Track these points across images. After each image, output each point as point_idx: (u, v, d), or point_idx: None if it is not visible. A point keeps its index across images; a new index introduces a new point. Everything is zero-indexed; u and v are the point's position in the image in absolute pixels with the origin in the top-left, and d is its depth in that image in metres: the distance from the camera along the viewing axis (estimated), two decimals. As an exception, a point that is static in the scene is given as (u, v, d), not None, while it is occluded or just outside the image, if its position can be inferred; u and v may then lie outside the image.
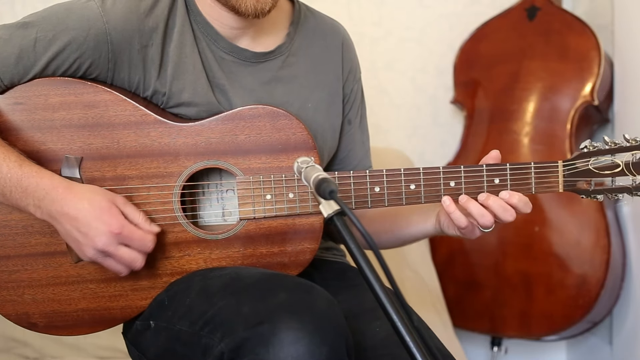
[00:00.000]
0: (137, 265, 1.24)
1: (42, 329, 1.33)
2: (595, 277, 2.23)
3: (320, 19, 1.50)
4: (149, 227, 1.25)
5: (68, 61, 1.26)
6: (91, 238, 1.20)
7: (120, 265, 1.24)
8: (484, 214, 1.26)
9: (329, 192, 1.00)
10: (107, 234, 1.20)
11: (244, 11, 1.28)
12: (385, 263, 0.93)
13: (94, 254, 1.22)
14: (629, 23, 2.25)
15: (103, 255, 1.22)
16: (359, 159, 1.53)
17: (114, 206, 1.23)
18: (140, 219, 1.24)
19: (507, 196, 1.27)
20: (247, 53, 1.38)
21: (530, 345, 2.66)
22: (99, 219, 1.20)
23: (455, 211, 1.28)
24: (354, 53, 1.54)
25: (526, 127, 2.37)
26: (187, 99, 1.33)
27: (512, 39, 2.43)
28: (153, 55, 1.31)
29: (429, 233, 1.42)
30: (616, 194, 1.30)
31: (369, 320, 1.29)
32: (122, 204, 1.24)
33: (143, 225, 1.24)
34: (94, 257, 1.22)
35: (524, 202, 1.27)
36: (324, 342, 1.05)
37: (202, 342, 1.15)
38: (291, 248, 1.33)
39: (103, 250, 1.21)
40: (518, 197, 1.27)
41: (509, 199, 1.27)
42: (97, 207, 1.21)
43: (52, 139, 1.28)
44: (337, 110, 1.48)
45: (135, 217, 1.24)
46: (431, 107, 2.68)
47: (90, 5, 1.27)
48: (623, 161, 1.28)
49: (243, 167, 1.30)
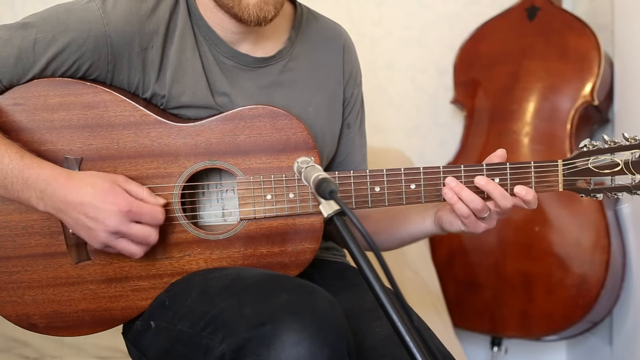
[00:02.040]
0: (152, 239, 1.24)
1: (42, 330, 1.33)
2: (595, 277, 2.23)
3: (322, 23, 1.50)
4: (155, 200, 1.25)
5: (67, 62, 1.26)
6: (102, 221, 1.20)
7: (134, 245, 1.24)
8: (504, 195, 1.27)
9: (329, 192, 0.99)
10: (116, 213, 1.20)
11: (247, 19, 1.28)
12: (385, 263, 0.93)
13: (107, 237, 1.21)
14: (629, 23, 2.25)
15: (116, 237, 1.22)
16: (356, 162, 1.53)
17: (116, 186, 1.23)
18: (145, 194, 1.25)
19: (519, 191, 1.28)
20: (247, 58, 1.38)
21: (530, 345, 2.66)
22: (105, 201, 1.20)
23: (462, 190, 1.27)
24: (355, 57, 1.54)
25: (526, 127, 2.37)
26: (186, 102, 1.33)
27: (512, 39, 2.43)
28: (153, 57, 1.31)
29: (428, 232, 1.42)
30: (616, 193, 1.31)
31: (369, 320, 1.29)
32: (124, 182, 1.25)
33: (149, 199, 1.25)
34: (107, 240, 1.22)
35: (533, 195, 1.28)
36: (326, 343, 1.05)
37: (203, 343, 1.15)
38: (292, 248, 1.33)
39: (116, 231, 1.21)
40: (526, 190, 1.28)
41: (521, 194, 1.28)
42: (100, 190, 1.21)
43: (51, 140, 1.28)
44: (337, 114, 1.48)
45: (139, 192, 1.25)
46: (431, 107, 2.69)
47: (90, 7, 1.27)
48: (622, 160, 1.28)
49: (243, 167, 1.30)
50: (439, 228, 1.38)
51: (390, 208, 1.39)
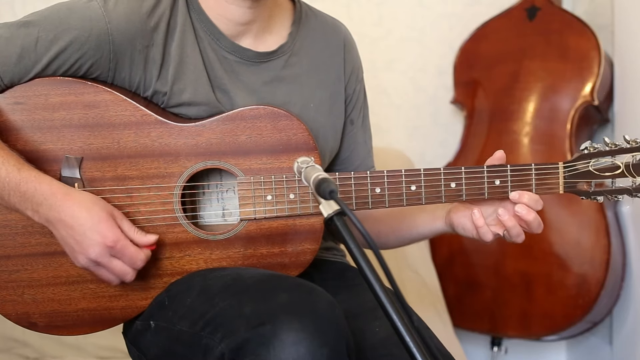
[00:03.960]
0: (128, 278, 1.24)
1: (42, 329, 1.33)
2: (595, 277, 2.23)
3: (321, 19, 1.50)
4: (145, 239, 1.25)
5: (69, 61, 1.26)
6: (85, 247, 1.20)
7: (112, 276, 1.25)
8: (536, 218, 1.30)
9: (329, 192, 1.00)
10: (100, 245, 1.20)
11: None
12: (385, 263, 0.93)
13: (86, 263, 1.22)
14: (629, 23, 2.25)
15: (95, 265, 1.23)
16: (361, 159, 1.54)
17: (111, 218, 1.23)
18: (135, 235, 1.25)
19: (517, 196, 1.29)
20: (249, 52, 1.38)
21: (530, 345, 2.67)
22: (95, 230, 1.20)
23: (484, 225, 1.30)
24: (356, 53, 1.54)
25: (526, 127, 2.37)
26: (187, 99, 1.33)
27: (512, 39, 2.43)
28: (154, 55, 1.31)
29: (439, 232, 1.44)
30: (616, 195, 1.31)
31: (368, 320, 1.29)
32: (119, 218, 1.24)
33: (139, 240, 1.24)
34: (86, 265, 1.23)
35: (534, 199, 1.29)
36: (325, 343, 1.05)
37: (203, 343, 1.15)
38: (292, 249, 1.33)
39: (95, 261, 1.22)
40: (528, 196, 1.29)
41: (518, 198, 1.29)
42: (95, 217, 1.21)
43: (52, 139, 1.28)
44: (339, 110, 1.48)
45: (130, 232, 1.24)
46: (431, 107, 2.69)
47: (92, 6, 1.27)
48: (623, 162, 1.28)
49: (244, 167, 1.30)
50: (450, 228, 1.39)
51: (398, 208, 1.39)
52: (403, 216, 1.47)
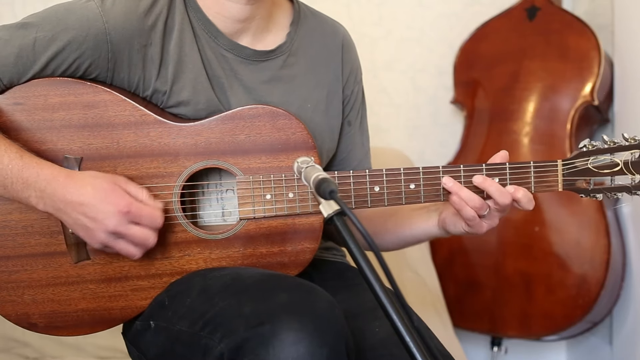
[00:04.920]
0: (150, 242, 1.24)
1: (42, 330, 1.33)
2: (595, 277, 2.23)
3: (320, 19, 1.50)
4: (154, 203, 1.25)
5: (67, 61, 1.26)
6: (101, 221, 1.20)
7: (133, 247, 1.24)
8: (502, 192, 1.27)
9: (329, 192, 0.99)
10: (116, 214, 1.20)
11: None
12: (385, 263, 0.93)
13: (106, 238, 1.21)
14: (629, 23, 2.25)
15: (115, 237, 1.22)
16: (358, 160, 1.53)
17: (117, 186, 1.22)
18: (144, 196, 1.24)
19: (512, 190, 1.28)
20: (247, 51, 1.38)
21: (530, 345, 2.66)
22: (105, 201, 1.20)
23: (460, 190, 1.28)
24: (354, 54, 1.54)
25: (526, 127, 2.37)
26: (186, 97, 1.33)
27: (512, 39, 2.43)
28: (153, 54, 1.31)
29: (432, 233, 1.42)
30: (615, 193, 1.31)
31: (368, 320, 1.29)
32: (124, 183, 1.24)
33: (148, 202, 1.24)
34: (106, 240, 1.22)
35: (528, 198, 1.28)
36: (324, 343, 1.05)
37: (202, 343, 1.15)
38: (291, 248, 1.33)
39: (114, 232, 1.21)
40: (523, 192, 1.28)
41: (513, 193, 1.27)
42: (101, 190, 1.21)
43: (51, 139, 1.28)
44: (336, 110, 1.48)
45: (139, 194, 1.24)
46: (431, 107, 2.69)
47: (89, 6, 1.27)
48: (622, 160, 1.28)
49: (243, 167, 1.30)
50: (443, 231, 1.38)
51: (395, 211, 1.39)
52: (397, 216, 1.46)
